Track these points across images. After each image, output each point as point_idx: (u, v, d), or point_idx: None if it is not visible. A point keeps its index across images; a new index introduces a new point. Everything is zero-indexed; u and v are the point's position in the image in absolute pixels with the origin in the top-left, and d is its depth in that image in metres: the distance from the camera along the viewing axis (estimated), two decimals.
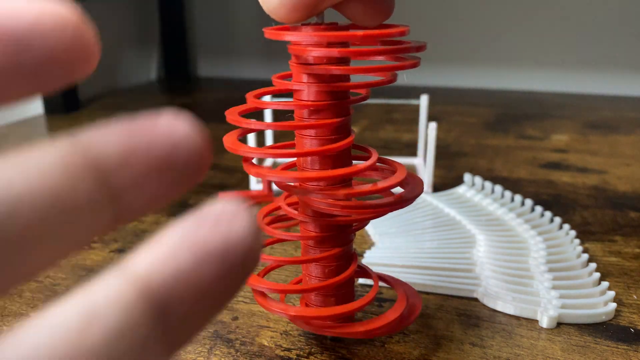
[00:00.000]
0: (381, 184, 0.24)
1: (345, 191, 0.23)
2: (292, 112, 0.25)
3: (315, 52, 0.22)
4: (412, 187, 0.26)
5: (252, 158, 0.25)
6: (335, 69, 0.23)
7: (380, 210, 0.25)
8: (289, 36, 0.22)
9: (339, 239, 0.26)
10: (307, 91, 0.24)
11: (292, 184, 0.26)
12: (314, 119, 0.24)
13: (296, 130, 0.25)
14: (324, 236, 0.26)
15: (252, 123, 0.24)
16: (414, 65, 0.23)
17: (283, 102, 0.25)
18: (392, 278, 0.30)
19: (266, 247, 0.31)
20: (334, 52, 0.22)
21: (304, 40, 0.23)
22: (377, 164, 0.27)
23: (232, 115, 0.25)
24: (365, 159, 0.27)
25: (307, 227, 0.27)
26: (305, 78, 0.24)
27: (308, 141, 0.25)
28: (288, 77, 0.26)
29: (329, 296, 0.27)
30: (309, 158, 0.25)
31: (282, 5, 0.20)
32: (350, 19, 0.22)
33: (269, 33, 0.23)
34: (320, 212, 0.25)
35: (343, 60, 0.24)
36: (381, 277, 0.30)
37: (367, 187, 0.24)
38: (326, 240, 0.26)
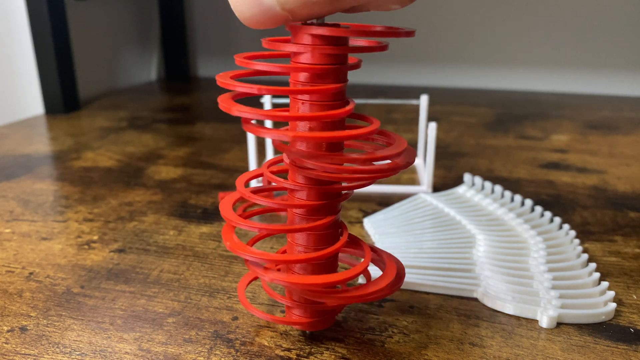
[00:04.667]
0: (379, 153, 0.24)
1: (363, 156, 0.23)
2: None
3: (315, 30, 0.23)
4: (406, 156, 0.25)
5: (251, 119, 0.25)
6: (333, 31, 0.23)
7: (374, 177, 0.24)
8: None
9: (329, 208, 0.26)
10: (304, 54, 0.24)
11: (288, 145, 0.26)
12: (310, 84, 0.24)
13: (290, 95, 0.25)
14: (315, 205, 0.26)
15: (244, 86, 0.23)
16: (409, 34, 0.24)
17: (279, 65, 0.24)
18: (382, 250, 0.30)
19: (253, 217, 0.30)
20: (331, 30, 0.22)
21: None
22: (375, 135, 0.26)
23: (223, 78, 0.24)
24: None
25: (296, 195, 0.26)
26: (305, 39, 0.24)
27: (303, 106, 0.25)
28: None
29: (318, 266, 0.27)
30: (304, 123, 0.25)
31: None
32: (377, 9, 0.23)
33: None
34: (312, 179, 0.25)
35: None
36: (372, 249, 0.29)
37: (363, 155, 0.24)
38: (317, 209, 0.26)
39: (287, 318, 0.29)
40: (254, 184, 0.51)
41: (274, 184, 0.27)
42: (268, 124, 0.48)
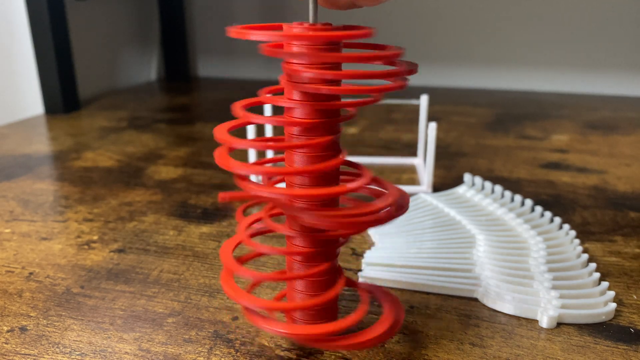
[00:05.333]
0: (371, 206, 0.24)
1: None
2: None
3: (308, 73, 0.23)
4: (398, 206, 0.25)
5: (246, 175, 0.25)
6: (325, 89, 0.23)
7: (365, 225, 0.24)
8: (255, 36, 0.22)
9: (326, 254, 0.26)
10: (298, 109, 0.24)
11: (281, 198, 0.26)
12: (305, 137, 0.25)
13: (285, 149, 0.25)
14: (313, 251, 0.26)
15: (241, 142, 0.24)
16: (402, 87, 0.24)
17: (275, 118, 0.25)
18: (381, 290, 0.29)
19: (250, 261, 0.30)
20: (327, 74, 0.22)
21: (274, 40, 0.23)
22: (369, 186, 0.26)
23: (221, 132, 0.25)
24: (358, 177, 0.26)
25: (293, 241, 0.26)
26: (296, 95, 0.24)
27: (297, 158, 0.25)
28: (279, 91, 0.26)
29: (317, 312, 0.27)
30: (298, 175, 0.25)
31: None
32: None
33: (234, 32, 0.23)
34: (308, 228, 0.25)
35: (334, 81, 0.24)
36: (370, 291, 0.29)
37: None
38: (314, 255, 0.26)
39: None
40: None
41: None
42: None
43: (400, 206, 0.25)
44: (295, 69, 0.23)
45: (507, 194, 0.48)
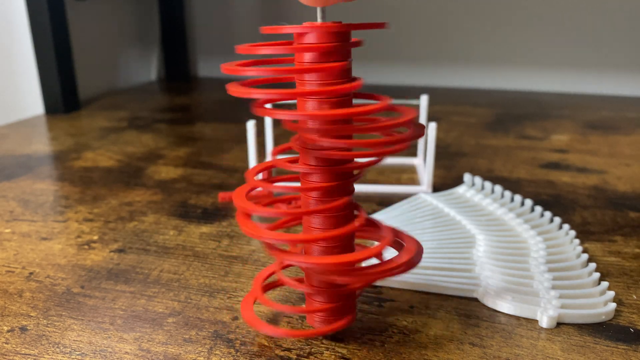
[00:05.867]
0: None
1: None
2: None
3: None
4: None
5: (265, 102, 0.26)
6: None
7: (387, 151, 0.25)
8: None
9: (342, 189, 0.27)
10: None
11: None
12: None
13: (297, 76, 0.26)
14: (328, 186, 0.26)
15: (253, 70, 0.25)
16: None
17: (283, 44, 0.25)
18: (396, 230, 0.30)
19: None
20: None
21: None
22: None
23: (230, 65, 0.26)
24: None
25: (309, 178, 0.27)
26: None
27: (310, 86, 0.26)
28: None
29: (334, 247, 0.28)
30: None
31: None
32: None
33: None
34: (325, 160, 0.26)
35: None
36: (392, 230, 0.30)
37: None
38: (330, 191, 0.27)
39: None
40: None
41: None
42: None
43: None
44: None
45: (507, 194, 0.48)
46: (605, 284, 0.33)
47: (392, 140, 0.25)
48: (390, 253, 0.35)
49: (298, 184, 0.27)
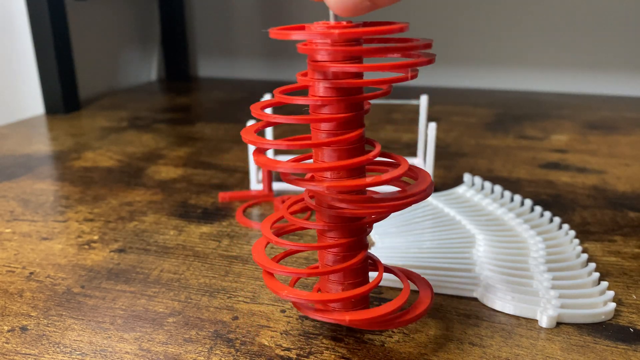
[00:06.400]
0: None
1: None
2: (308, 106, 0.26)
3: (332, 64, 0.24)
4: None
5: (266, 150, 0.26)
6: (351, 67, 0.24)
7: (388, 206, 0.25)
8: (295, 35, 0.23)
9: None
10: (318, 86, 0.25)
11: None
12: (327, 113, 0.25)
13: (311, 123, 0.26)
14: (343, 226, 0.27)
15: (270, 116, 0.25)
16: (430, 62, 0.24)
17: (301, 98, 0.25)
18: (412, 273, 0.31)
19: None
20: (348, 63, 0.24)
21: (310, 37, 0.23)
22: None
23: (255, 109, 0.26)
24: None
25: (327, 235, 0.28)
26: (325, 91, 0.25)
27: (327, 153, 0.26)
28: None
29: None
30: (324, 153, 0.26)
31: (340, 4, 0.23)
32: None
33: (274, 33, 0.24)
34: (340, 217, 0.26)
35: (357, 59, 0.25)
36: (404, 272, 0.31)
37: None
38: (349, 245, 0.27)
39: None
40: (254, 184, 0.51)
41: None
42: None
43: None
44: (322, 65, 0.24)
45: (507, 193, 0.48)
46: (604, 283, 0.34)
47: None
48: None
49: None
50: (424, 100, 0.55)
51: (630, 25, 0.95)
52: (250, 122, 0.49)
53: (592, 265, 0.36)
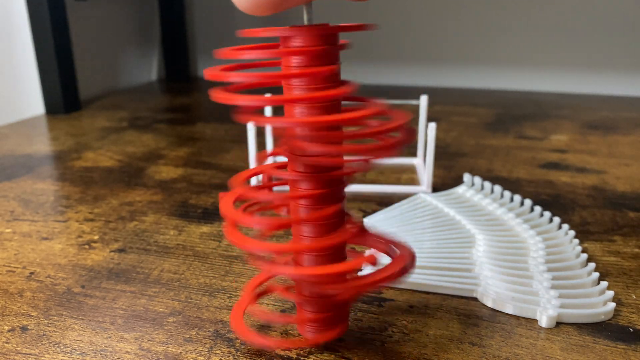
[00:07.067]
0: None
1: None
2: None
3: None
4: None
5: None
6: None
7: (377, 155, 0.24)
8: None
9: (333, 196, 0.26)
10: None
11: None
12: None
13: (284, 81, 0.25)
14: (320, 193, 0.26)
15: (239, 75, 0.23)
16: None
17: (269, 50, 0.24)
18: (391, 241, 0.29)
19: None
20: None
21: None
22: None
23: (214, 71, 0.25)
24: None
25: (299, 185, 0.26)
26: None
27: (297, 91, 0.25)
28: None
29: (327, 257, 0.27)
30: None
31: (250, 3, 0.22)
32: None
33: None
34: (314, 167, 0.25)
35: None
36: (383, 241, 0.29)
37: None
38: (321, 197, 0.26)
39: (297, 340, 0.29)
40: (253, 184, 0.51)
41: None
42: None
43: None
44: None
45: (507, 193, 0.48)
46: (604, 283, 0.34)
47: (381, 146, 0.24)
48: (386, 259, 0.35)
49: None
50: (423, 100, 0.55)
51: (630, 26, 0.95)
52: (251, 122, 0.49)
53: (592, 265, 0.36)
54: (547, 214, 0.44)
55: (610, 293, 0.33)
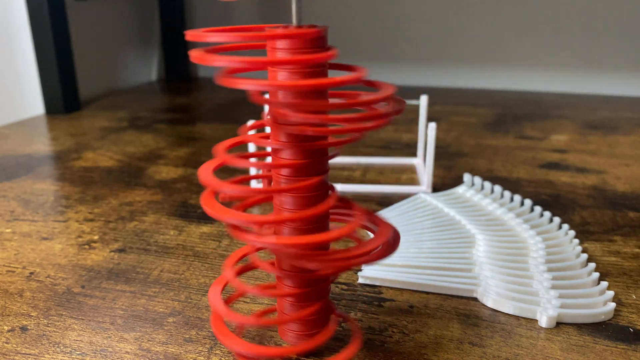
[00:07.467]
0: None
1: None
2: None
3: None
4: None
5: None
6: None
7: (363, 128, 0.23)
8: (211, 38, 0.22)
9: (316, 167, 0.25)
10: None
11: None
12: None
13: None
14: (300, 164, 0.25)
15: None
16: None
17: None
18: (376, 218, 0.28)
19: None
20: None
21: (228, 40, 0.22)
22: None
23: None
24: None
25: (280, 155, 0.26)
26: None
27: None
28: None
29: (305, 229, 0.26)
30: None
31: None
32: None
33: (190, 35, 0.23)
34: (296, 136, 0.24)
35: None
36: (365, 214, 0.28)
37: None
38: (303, 169, 0.25)
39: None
40: (253, 184, 0.51)
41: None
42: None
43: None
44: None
45: (507, 193, 0.48)
46: (604, 283, 0.34)
47: (367, 116, 0.23)
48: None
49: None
50: (423, 100, 0.55)
51: (630, 26, 0.95)
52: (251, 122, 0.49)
53: (592, 265, 0.36)
54: (547, 214, 0.44)
55: (611, 293, 0.33)
